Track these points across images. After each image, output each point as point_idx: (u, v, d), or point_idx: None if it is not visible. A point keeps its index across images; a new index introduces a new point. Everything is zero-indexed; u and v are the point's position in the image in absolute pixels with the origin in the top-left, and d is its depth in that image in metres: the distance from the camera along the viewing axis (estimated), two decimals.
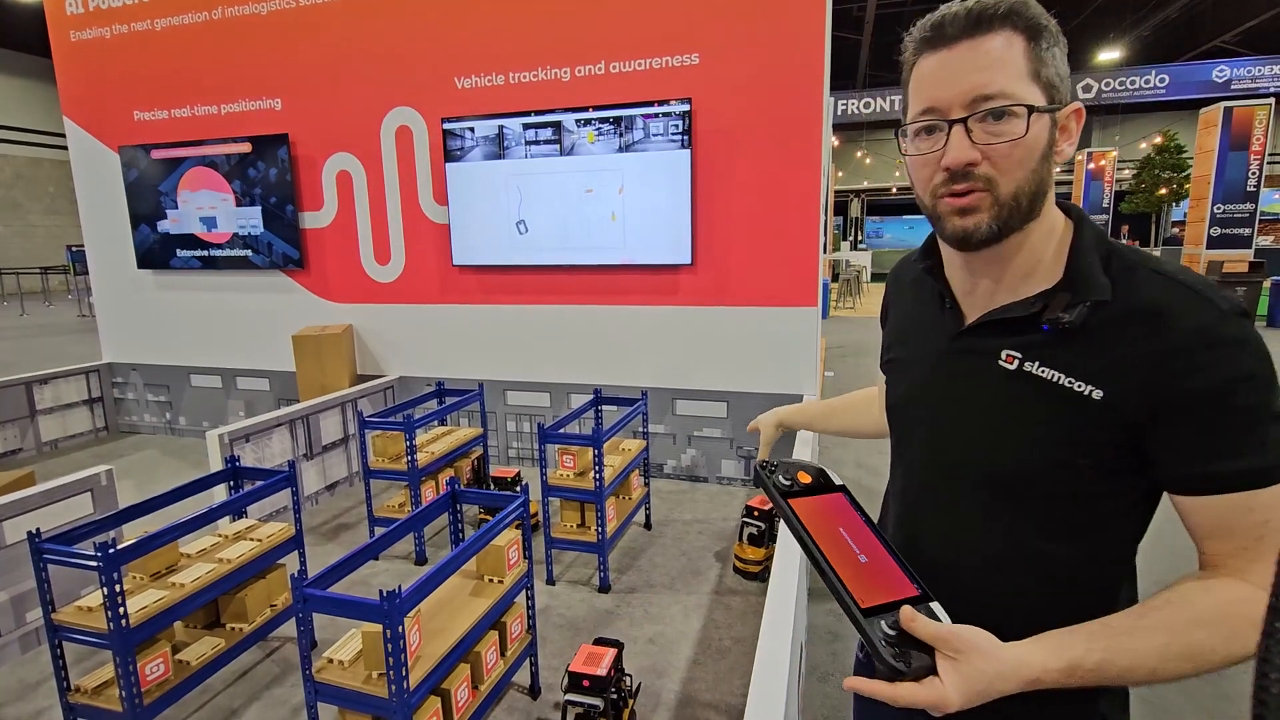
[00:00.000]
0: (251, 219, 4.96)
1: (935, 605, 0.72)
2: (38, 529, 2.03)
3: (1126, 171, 20.92)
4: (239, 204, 4.96)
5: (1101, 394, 0.72)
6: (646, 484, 3.68)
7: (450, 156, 4.35)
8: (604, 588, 3.06)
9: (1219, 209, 11.22)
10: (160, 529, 2.14)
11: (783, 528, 2.06)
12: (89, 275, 5.69)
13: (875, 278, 18.75)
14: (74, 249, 16.14)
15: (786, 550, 1.91)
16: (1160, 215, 21.71)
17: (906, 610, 0.69)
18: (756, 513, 3.17)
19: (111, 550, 1.93)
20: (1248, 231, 11.17)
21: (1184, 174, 17.53)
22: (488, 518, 3.48)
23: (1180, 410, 0.70)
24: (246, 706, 2.36)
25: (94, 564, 1.92)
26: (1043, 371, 0.76)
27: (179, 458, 5.03)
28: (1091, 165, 17.96)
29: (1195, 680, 1.64)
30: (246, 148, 4.84)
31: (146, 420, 5.66)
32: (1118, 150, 18.74)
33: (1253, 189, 11.08)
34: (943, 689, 0.65)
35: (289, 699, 2.39)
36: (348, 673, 1.77)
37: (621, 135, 4.01)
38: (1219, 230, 11.27)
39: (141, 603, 2.07)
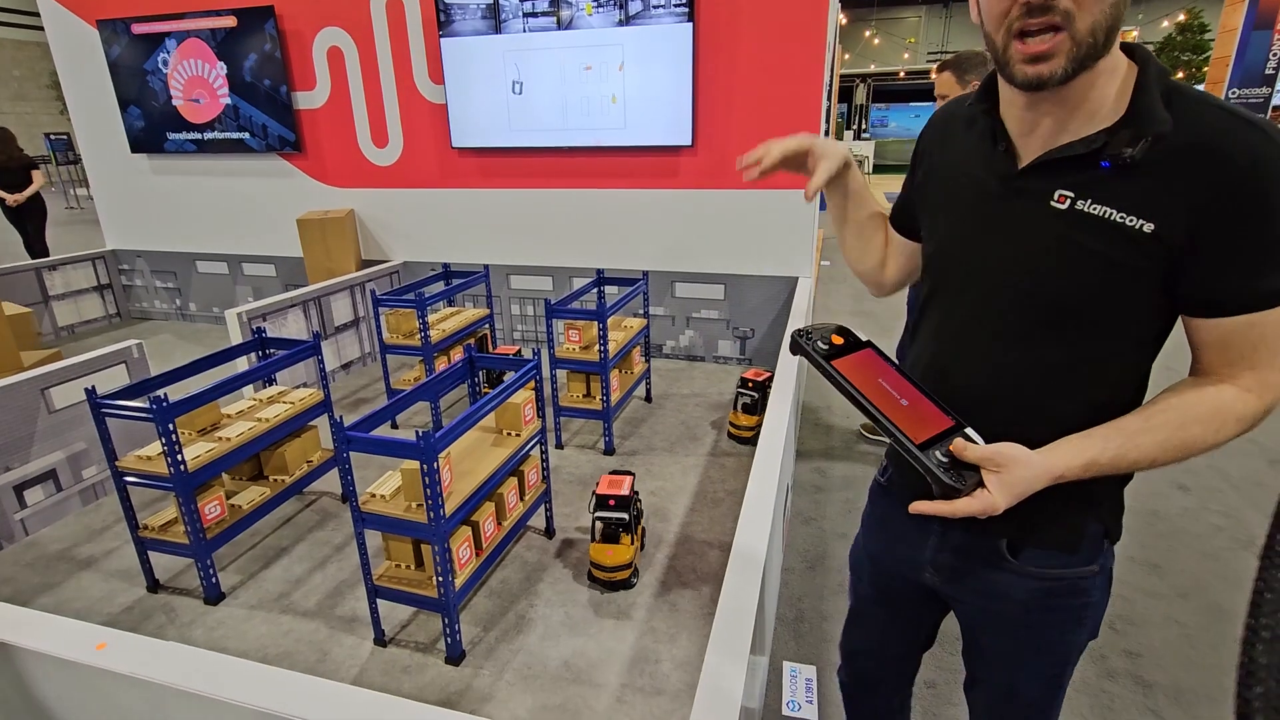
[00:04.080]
0: (243, 99, 4.86)
1: (970, 430, 0.85)
2: (93, 386, 2.22)
3: None
4: (229, 83, 4.85)
5: (1152, 226, 0.76)
6: (647, 361, 3.89)
7: (444, 30, 4.23)
8: (609, 450, 3.32)
9: (1233, 94, 10.88)
10: (202, 389, 2.33)
11: (773, 392, 2.26)
12: (73, 165, 5.63)
13: (878, 169, 18.36)
14: (53, 137, 15.61)
15: (777, 408, 2.12)
16: None
17: (958, 442, 0.82)
18: (750, 384, 3.39)
19: (164, 404, 2.12)
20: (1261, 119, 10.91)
21: (1203, 56, 16.79)
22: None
23: (1219, 237, 0.75)
24: (294, 545, 2.65)
25: (149, 416, 2.13)
26: (1094, 209, 0.79)
27: (194, 341, 5.20)
28: None
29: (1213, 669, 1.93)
30: (231, 21, 4.67)
31: (157, 306, 5.79)
32: (1139, 30, 17.83)
33: (1272, 72, 10.71)
34: (991, 497, 0.79)
35: (331, 540, 2.68)
36: (390, 504, 2.01)
37: (622, 7, 3.89)
38: None
39: (194, 453, 2.30)
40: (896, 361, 0.92)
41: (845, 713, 1.44)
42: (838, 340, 0.91)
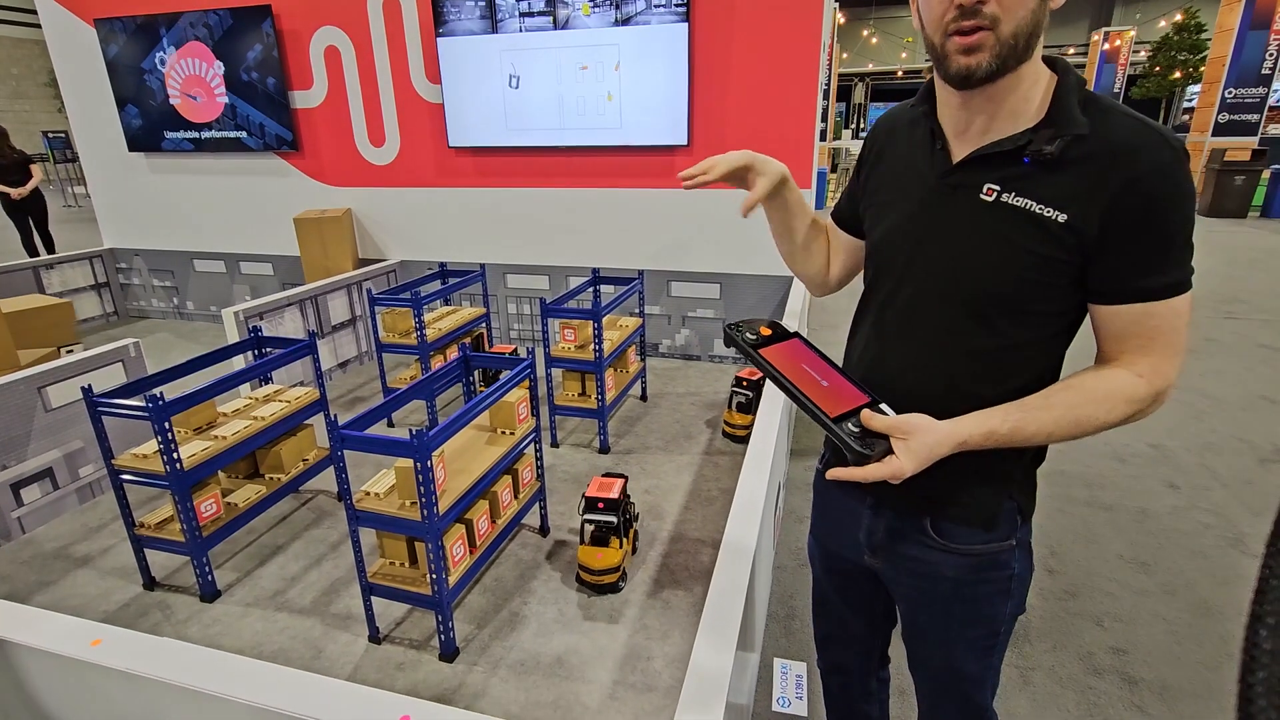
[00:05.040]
0: (241, 98, 4.87)
1: (884, 405, 0.91)
2: (89, 385, 2.23)
3: (1143, 54, 20.01)
4: (226, 82, 4.85)
5: (1066, 217, 0.84)
6: (642, 360, 3.90)
7: (441, 29, 4.24)
8: (604, 449, 3.34)
9: (1230, 94, 10.89)
10: (197, 388, 2.34)
11: (766, 390, 2.28)
12: (71, 164, 5.64)
13: None
14: (51, 135, 15.57)
15: (769, 406, 2.13)
16: (1172, 101, 20.99)
17: (866, 412, 0.89)
18: (745, 383, 3.41)
19: (160, 402, 2.13)
20: (1256, 118, 10.91)
21: (1200, 56, 16.82)
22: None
23: (1125, 230, 0.83)
24: (290, 543, 2.67)
25: (144, 414, 2.14)
26: (1016, 200, 0.87)
27: (191, 339, 5.21)
28: (1107, 46, 17.17)
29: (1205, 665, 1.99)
30: (228, 20, 4.67)
31: (155, 305, 5.80)
32: (1136, 30, 17.84)
33: (1268, 71, 10.71)
34: (898, 462, 0.86)
35: (327, 538, 2.69)
36: (384, 502, 2.02)
37: (618, 7, 3.90)
38: (1227, 116, 11.00)
39: (190, 451, 2.31)
40: (827, 354, 0.98)
41: (825, 702, 1.47)
42: (766, 331, 0.99)
